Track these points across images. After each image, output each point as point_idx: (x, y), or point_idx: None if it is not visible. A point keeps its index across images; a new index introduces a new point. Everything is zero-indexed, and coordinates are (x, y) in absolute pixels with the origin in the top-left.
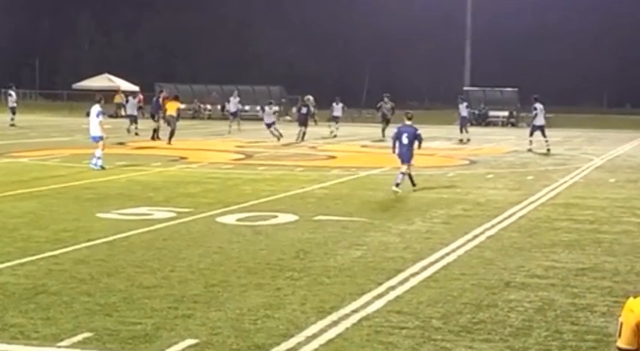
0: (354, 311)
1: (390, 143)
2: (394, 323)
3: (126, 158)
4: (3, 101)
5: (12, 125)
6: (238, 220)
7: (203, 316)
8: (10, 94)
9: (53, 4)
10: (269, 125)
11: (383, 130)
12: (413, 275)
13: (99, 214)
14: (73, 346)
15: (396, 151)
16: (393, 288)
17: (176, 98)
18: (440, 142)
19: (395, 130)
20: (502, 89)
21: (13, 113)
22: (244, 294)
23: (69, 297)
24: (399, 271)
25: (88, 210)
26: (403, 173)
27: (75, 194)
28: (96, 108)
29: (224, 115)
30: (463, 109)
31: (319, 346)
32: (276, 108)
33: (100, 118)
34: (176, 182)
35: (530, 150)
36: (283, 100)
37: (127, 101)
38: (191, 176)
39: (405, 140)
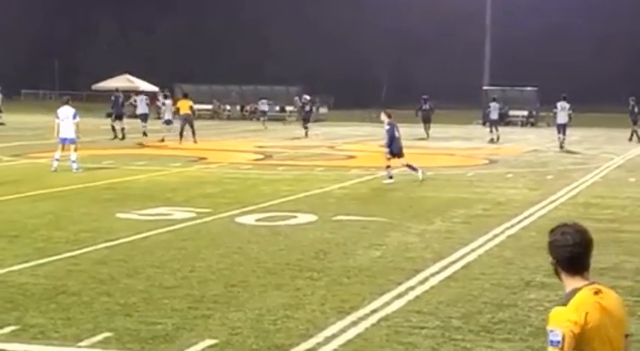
0: (374, 311)
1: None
2: (414, 323)
3: (145, 158)
4: (22, 102)
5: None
6: (258, 220)
7: (223, 316)
8: None
9: (72, 6)
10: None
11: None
12: (433, 275)
13: (118, 215)
14: (93, 346)
15: (391, 146)
16: (412, 288)
17: (185, 97)
18: (459, 142)
19: (388, 127)
20: (522, 88)
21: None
22: (264, 294)
23: (89, 297)
24: (418, 271)
25: (108, 210)
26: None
27: (94, 195)
28: (69, 109)
29: (243, 115)
30: (494, 111)
31: (338, 347)
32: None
33: (77, 119)
34: (195, 182)
35: (562, 148)
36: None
37: (135, 100)
38: (210, 176)
39: (397, 133)
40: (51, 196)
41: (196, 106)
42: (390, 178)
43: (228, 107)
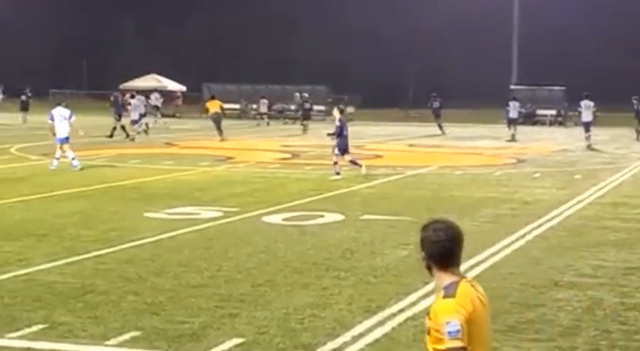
0: (401, 311)
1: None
2: None
3: (172, 158)
4: (50, 102)
5: None
6: (285, 219)
7: (249, 315)
8: None
9: (100, 5)
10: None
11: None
12: None
13: (146, 214)
14: (120, 344)
15: (340, 142)
16: None
17: (213, 98)
18: (486, 141)
19: (339, 124)
20: (550, 87)
21: None
22: (291, 293)
23: (116, 296)
24: None
25: (135, 210)
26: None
27: (122, 194)
28: (65, 110)
29: (270, 114)
30: (513, 110)
31: (365, 346)
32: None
33: (73, 119)
34: (222, 182)
35: (589, 146)
36: (329, 99)
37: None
38: (237, 176)
39: (345, 131)
40: (79, 196)
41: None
42: (338, 173)
43: (255, 106)
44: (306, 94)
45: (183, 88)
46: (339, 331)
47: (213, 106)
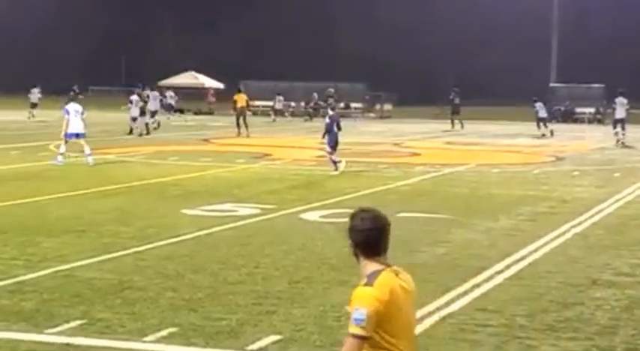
0: (438, 309)
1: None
2: (479, 321)
3: (210, 155)
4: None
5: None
6: (322, 216)
7: (287, 312)
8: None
9: (140, 3)
10: None
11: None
12: (498, 273)
13: (184, 211)
14: (158, 341)
15: (329, 138)
16: (477, 285)
17: (239, 91)
18: (524, 139)
19: (329, 121)
20: (589, 85)
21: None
22: (328, 290)
23: (154, 292)
24: (483, 269)
25: (173, 206)
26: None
27: (160, 191)
28: (78, 106)
29: (307, 112)
30: (541, 110)
31: None
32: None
33: (85, 114)
34: (260, 179)
35: (618, 142)
36: (367, 97)
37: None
38: (275, 173)
39: (335, 128)
40: (117, 192)
41: (260, 103)
42: (336, 170)
43: (292, 104)
44: (332, 90)
45: (221, 86)
46: None
47: (240, 101)
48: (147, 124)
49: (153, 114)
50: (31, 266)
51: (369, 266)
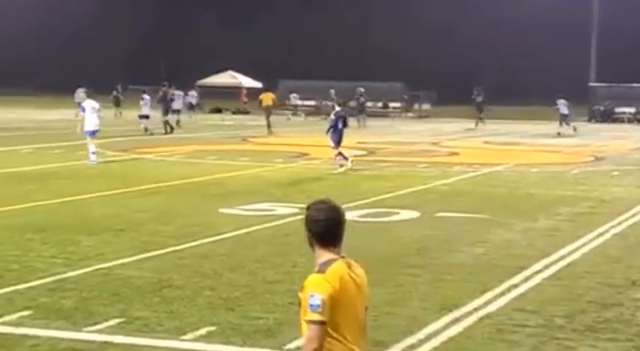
0: (476, 309)
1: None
2: (517, 321)
3: (249, 154)
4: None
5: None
6: (360, 216)
7: None
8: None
9: (180, 3)
10: None
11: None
12: (536, 273)
13: (222, 210)
14: (196, 339)
15: (334, 135)
16: (515, 286)
17: (267, 90)
18: (563, 139)
19: (334, 117)
20: (629, 85)
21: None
22: None
23: (192, 291)
24: (522, 269)
25: (212, 205)
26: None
27: (198, 190)
28: (94, 102)
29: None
30: (562, 107)
31: (440, 344)
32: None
33: (101, 112)
34: (298, 178)
35: None
36: (405, 96)
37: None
38: (313, 172)
39: (340, 125)
40: (157, 191)
41: (299, 102)
42: (341, 166)
43: (329, 103)
44: (362, 89)
45: (259, 85)
46: (413, 328)
47: (266, 99)
48: (168, 121)
49: (176, 112)
50: (70, 264)
51: (324, 255)
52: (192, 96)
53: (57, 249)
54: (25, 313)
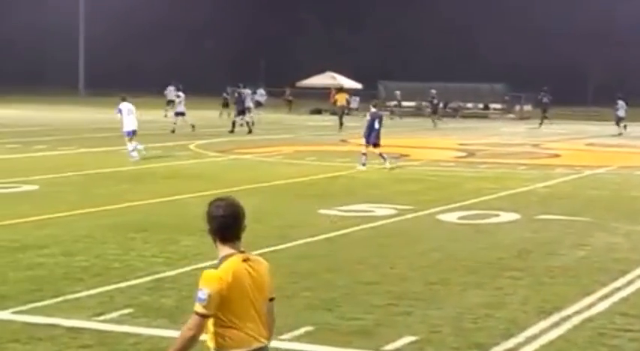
0: (577, 312)
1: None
2: (619, 325)
3: (347, 155)
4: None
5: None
6: (459, 218)
7: (422, 313)
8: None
9: (279, 3)
10: None
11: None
12: (639, 277)
13: (320, 211)
14: (294, 339)
15: (369, 136)
16: (618, 289)
17: (342, 90)
18: None
19: (369, 118)
20: None
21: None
22: (464, 293)
23: (290, 291)
24: (624, 273)
25: (310, 206)
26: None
27: (297, 190)
28: (130, 105)
29: (446, 113)
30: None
31: (540, 347)
32: None
33: (136, 113)
34: (397, 179)
35: None
36: (506, 97)
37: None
38: (412, 173)
39: (376, 125)
40: (255, 192)
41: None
42: (363, 165)
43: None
44: (434, 91)
45: (359, 86)
46: (513, 331)
47: (341, 99)
48: (248, 123)
49: (247, 111)
50: (171, 264)
51: (223, 251)
52: (261, 95)
53: (157, 248)
54: (126, 311)
